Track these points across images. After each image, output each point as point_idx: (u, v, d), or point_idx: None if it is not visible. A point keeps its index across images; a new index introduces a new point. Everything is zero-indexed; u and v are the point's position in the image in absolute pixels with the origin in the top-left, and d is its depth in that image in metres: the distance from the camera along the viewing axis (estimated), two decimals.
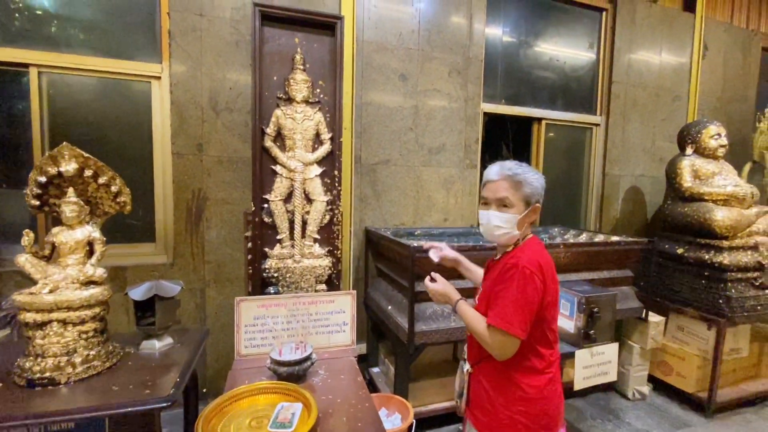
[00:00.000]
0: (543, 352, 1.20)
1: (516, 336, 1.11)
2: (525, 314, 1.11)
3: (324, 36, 2.36)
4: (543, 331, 1.19)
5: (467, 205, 3.11)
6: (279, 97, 2.30)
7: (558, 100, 3.60)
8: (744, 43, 4.16)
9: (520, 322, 1.11)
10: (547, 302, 1.16)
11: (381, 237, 2.44)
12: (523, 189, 1.20)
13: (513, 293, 1.12)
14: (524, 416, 1.19)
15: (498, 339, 1.14)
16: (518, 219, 1.19)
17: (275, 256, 2.32)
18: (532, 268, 1.12)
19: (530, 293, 1.11)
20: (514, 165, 1.23)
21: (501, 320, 1.12)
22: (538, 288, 1.12)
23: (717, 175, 3.01)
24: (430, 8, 2.85)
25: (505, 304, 1.13)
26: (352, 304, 2.16)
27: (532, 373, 1.19)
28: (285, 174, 2.29)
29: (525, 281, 1.12)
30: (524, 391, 1.19)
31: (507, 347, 1.14)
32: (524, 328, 1.12)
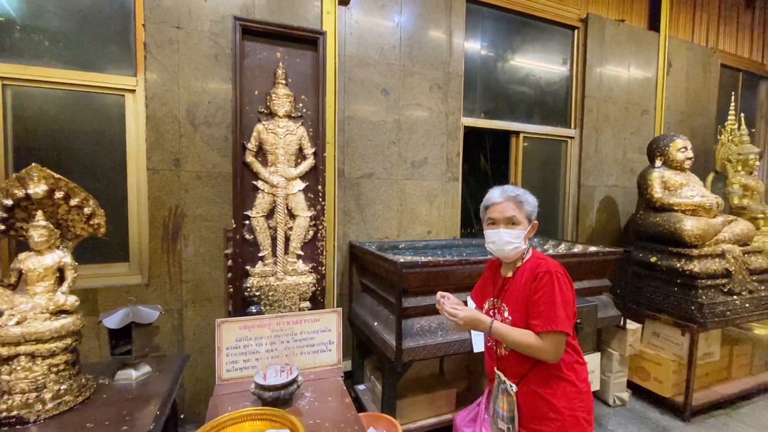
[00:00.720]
0: (574, 344, 1.35)
1: (567, 332, 1.22)
2: (569, 312, 1.24)
3: (306, 51, 2.35)
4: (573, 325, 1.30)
5: (450, 217, 3.13)
6: (260, 112, 2.26)
7: (535, 114, 3.71)
8: (704, 60, 4.42)
9: (565, 319, 1.22)
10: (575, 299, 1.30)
11: (366, 252, 2.42)
12: (525, 207, 1.38)
13: (555, 296, 1.23)
14: (583, 411, 1.28)
15: (553, 342, 1.22)
16: (525, 234, 1.36)
17: (257, 274, 2.25)
18: (561, 272, 1.28)
19: (567, 292, 1.25)
20: (513, 188, 1.42)
21: (552, 323, 1.21)
22: (570, 287, 1.27)
23: (685, 186, 3.16)
24: (411, 24, 2.89)
25: (550, 308, 1.22)
26: (338, 322, 2.12)
27: (575, 366, 1.31)
28: (267, 189, 2.25)
29: (560, 283, 1.25)
30: (577, 387, 1.29)
31: (560, 347, 1.24)
32: (571, 325, 1.24)
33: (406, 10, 2.87)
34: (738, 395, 2.92)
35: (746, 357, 3.14)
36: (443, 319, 2.18)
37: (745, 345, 3.15)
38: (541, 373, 1.28)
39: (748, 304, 2.82)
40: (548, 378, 1.28)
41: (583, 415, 1.28)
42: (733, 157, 3.95)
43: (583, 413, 1.28)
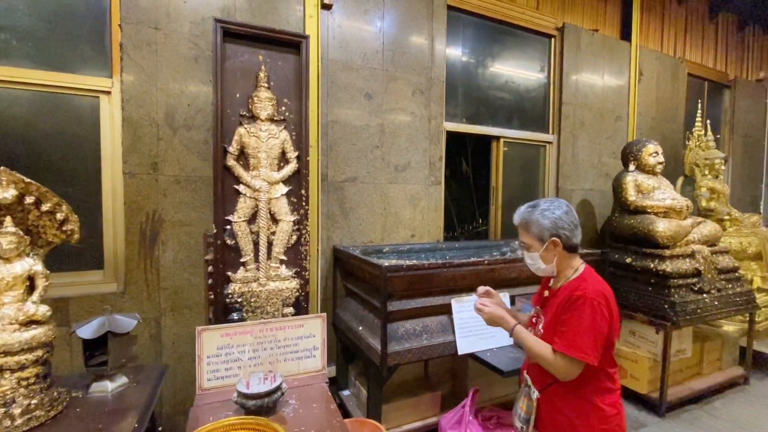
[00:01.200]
0: (611, 372, 1.31)
1: (588, 362, 1.20)
2: (597, 341, 1.20)
3: (289, 54, 2.33)
4: (609, 353, 1.29)
5: (433, 220, 3.16)
6: (242, 115, 2.23)
7: (514, 120, 3.79)
8: (672, 69, 4.63)
9: (592, 348, 1.20)
10: (613, 329, 1.26)
11: (350, 256, 2.41)
12: (531, 230, 1.34)
13: (584, 322, 1.21)
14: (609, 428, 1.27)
15: (565, 364, 1.22)
16: (539, 255, 1.34)
17: (239, 280, 2.21)
18: (600, 299, 1.22)
19: (599, 322, 1.20)
20: (524, 209, 1.40)
21: (571, 347, 1.20)
22: (606, 317, 1.22)
23: (657, 189, 3.29)
24: (393, 29, 2.92)
25: (576, 332, 1.21)
26: (322, 327, 2.10)
27: (606, 393, 1.29)
28: (249, 194, 2.21)
29: (594, 311, 1.20)
30: (603, 411, 1.28)
31: (572, 372, 1.23)
32: (596, 355, 1.21)
33: (389, 15, 2.89)
34: (709, 390, 3.04)
35: (716, 353, 3.27)
36: (428, 322, 2.20)
37: (714, 341, 3.28)
38: (565, 389, 1.30)
39: (717, 302, 2.95)
40: (572, 396, 1.29)
41: (615, 426, 1.28)
42: (701, 161, 4.15)
43: (615, 425, 1.28)
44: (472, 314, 2.27)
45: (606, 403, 1.29)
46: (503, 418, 2.29)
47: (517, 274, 2.49)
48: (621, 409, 1.32)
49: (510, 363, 2.12)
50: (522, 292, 2.52)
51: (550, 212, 1.33)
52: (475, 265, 2.25)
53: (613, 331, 1.27)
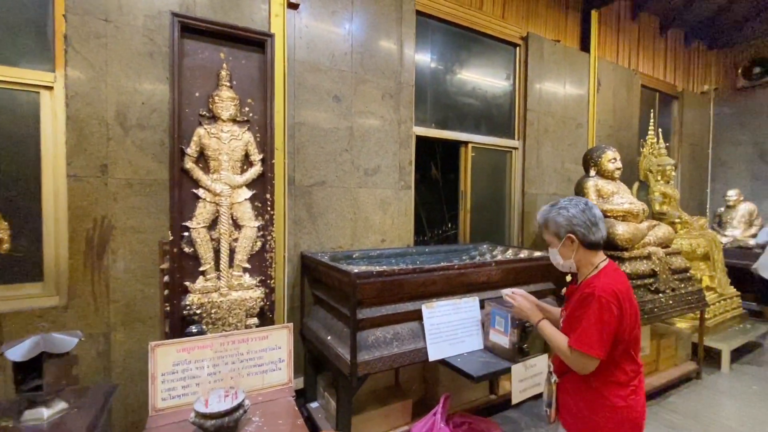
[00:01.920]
0: (625, 367, 1.36)
1: (595, 356, 1.29)
2: (603, 336, 1.28)
3: (253, 53, 2.24)
4: (625, 349, 1.35)
5: (403, 225, 3.13)
6: (202, 115, 2.11)
7: (482, 125, 3.85)
8: (627, 80, 4.89)
9: (598, 343, 1.28)
10: (626, 324, 1.32)
11: (319, 263, 2.33)
12: (549, 228, 1.45)
13: (592, 319, 1.29)
14: (611, 422, 1.34)
15: (578, 359, 1.33)
16: (558, 251, 1.45)
17: (198, 291, 2.08)
18: (608, 297, 1.29)
19: (607, 319, 1.28)
20: (545, 209, 1.49)
21: (581, 343, 1.30)
22: (615, 314, 1.28)
23: (616, 194, 3.42)
24: (362, 32, 2.88)
25: (585, 328, 1.30)
26: (288, 338, 2.00)
27: (616, 385, 1.35)
28: (209, 198, 2.09)
29: (601, 308, 1.28)
30: (612, 402, 1.34)
31: (587, 366, 1.33)
32: (603, 349, 1.28)
33: (358, 17, 2.85)
34: (666, 385, 3.18)
35: (671, 350, 3.44)
36: (399, 329, 2.15)
37: (669, 338, 3.45)
38: (577, 379, 1.39)
39: (672, 301, 3.10)
40: (583, 387, 1.38)
41: (610, 425, 1.34)
42: (654, 168, 4.38)
43: (609, 423, 1.34)
44: (442, 320, 2.26)
45: (616, 396, 1.34)
46: (474, 423, 2.28)
47: (487, 278, 2.50)
48: (634, 404, 1.35)
49: (480, 368, 2.11)
50: (493, 296, 2.53)
51: (565, 210, 1.41)
52: (445, 270, 2.23)
53: (624, 329, 1.31)
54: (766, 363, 3.79)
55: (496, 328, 2.31)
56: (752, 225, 5.21)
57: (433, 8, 3.34)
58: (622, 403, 1.34)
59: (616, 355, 1.33)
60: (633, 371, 1.38)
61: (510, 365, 2.17)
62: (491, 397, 2.83)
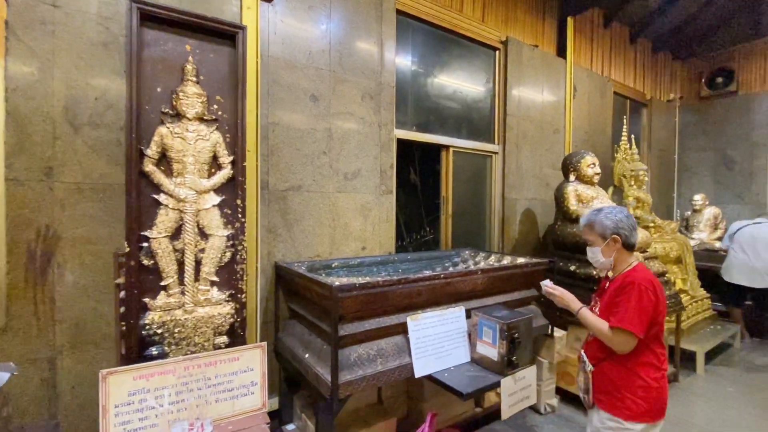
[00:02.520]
0: (657, 351, 1.55)
1: (636, 334, 1.47)
2: (643, 318, 1.48)
3: (222, 46, 2.05)
4: (657, 333, 1.55)
5: (385, 231, 3.00)
6: (164, 113, 1.90)
7: (462, 129, 3.79)
8: (601, 87, 4.98)
9: (639, 323, 1.47)
10: (660, 310, 1.52)
11: (295, 274, 2.15)
12: (596, 229, 1.67)
13: (633, 302, 1.49)
14: (644, 400, 1.51)
15: (620, 336, 1.51)
16: (601, 249, 1.66)
17: (159, 308, 1.86)
18: (647, 285, 1.51)
19: (645, 302, 1.49)
20: (590, 213, 1.73)
21: (624, 322, 1.49)
22: (651, 300, 1.49)
23: (595, 199, 3.43)
24: (341, 29, 2.74)
25: (627, 310, 1.49)
26: (262, 359, 1.82)
27: (650, 367, 1.54)
28: (172, 204, 1.88)
29: (641, 293, 1.49)
30: (646, 382, 1.52)
31: (628, 344, 1.51)
32: (643, 329, 1.48)
33: (336, 14, 2.71)
34: None
35: None
36: (383, 344, 2.01)
37: None
38: (616, 362, 1.57)
39: None
40: (621, 368, 1.55)
41: (643, 404, 1.51)
42: (627, 173, 4.45)
43: (642, 402, 1.51)
44: (428, 332, 2.13)
45: (649, 377, 1.52)
46: None
47: (473, 287, 2.40)
48: (663, 385, 1.55)
49: (469, 383, 2.00)
50: (478, 305, 2.43)
51: (613, 215, 1.64)
52: (431, 279, 2.12)
53: (658, 314, 1.51)
54: (736, 363, 3.90)
55: (483, 340, 2.21)
56: (717, 228, 5.41)
57: (414, 8, 3.25)
58: (655, 384, 1.52)
59: (649, 338, 1.52)
60: (662, 354, 1.57)
61: (499, 379, 2.07)
62: (477, 410, 2.73)
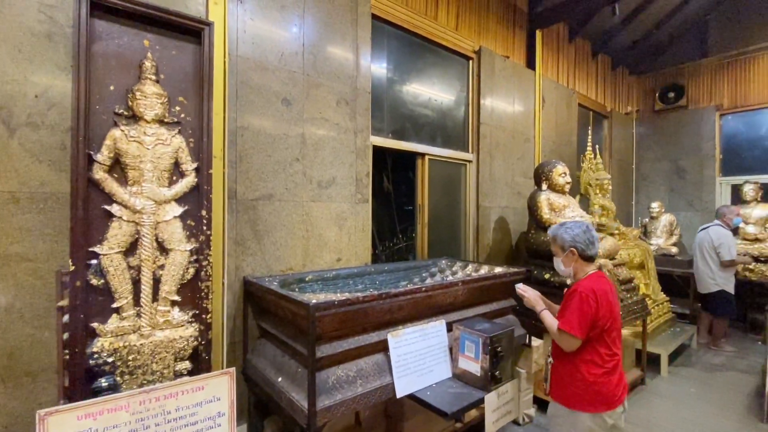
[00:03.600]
0: (600, 350, 1.72)
1: (575, 335, 1.69)
2: (582, 322, 1.68)
3: (186, 43, 1.89)
4: (602, 338, 1.71)
5: (361, 241, 2.88)
6: (119, 114, 1.71)
7: (437, 137, 3.76)
8: (567, 98, 5.15)
9: (578, 326, 1.68)
10: (601, 315, 1.69)
11: (266, 291, 1.99)
12: (557, 241, 1.87)
13: (575, 308, 1.71)
14: (584, 392, 1.71)
15: (563, 337, 1.74)
16: (561, 260, 1.87)
17: (110, 333, 1.65)
18: (588, 293, 1.70)
19: (586, 308, 1.68)
20: (555, 227, 1.92)
21: (566, 325, 1.72)
22: (592, 305, 1.68)
23: (567, 207, 3.49)
24: (315, 31, 2.62)
25: (569, 314, 1.72)
26: (230, 387, 1.65)
27: (592, 364, 1.72)
28: (126, 216, 1.68)
29: (582, 300, 1.70)
30: (584, 377, 1.71)
31: (570, 343, 1.73)
32: (582, 331, 1.68)
33: (310, 15, 2.60)
34: None
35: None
36: (363, 364, 1.89)
37: None
38: (565, 358, 1.79)
39: (621, 312, 3.16)
40: (568, 363, 1.77)
41: (587, 397, 1.70)
42: (593, 182, 4.60)
43: (587, 396, 1.70)
44: (409, 349, 2.03)
45: (589, 372, 1.71)
46: None
47: (453, 299, 2.34)
48: (604, 381, 1.70)
49: (453, 401, 1.92)
50: (458, 317, 2.37)
51: (571, 230, 1.82)
52: (412, 293, 2.02)
53: (599, 319, 1.68)
54: (694, 364, 4.08)
55: (466, 354, 2.14)
56: (672, 234, 5.71)
57: (390, 14, 3.20)
58: (592, 378, 1.70)
59: (592, 340, 1.71)
60: (607, 356, 1.73)
61: (483, 395, 2.01)
62: (457, 425, 2.65)
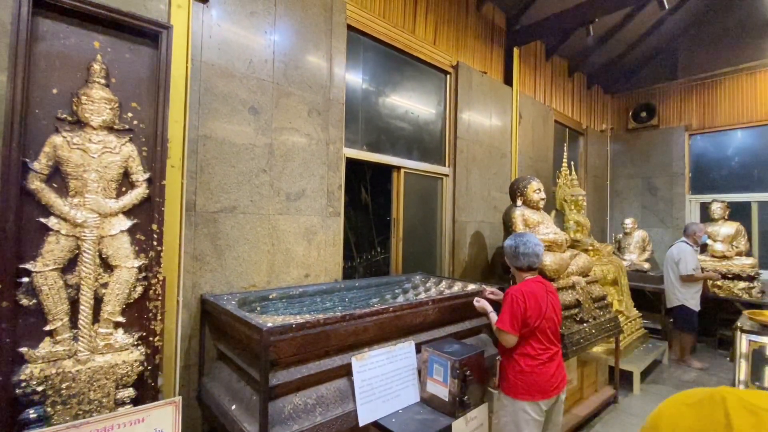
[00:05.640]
0: (534, 345, 1.98)
1: (507, 331, 1.97)
2: (513, 319, 1.96)
3: (142, 46, 1.78)
4: (534, 334, 1.98)
5: (331, 256, 2.78)
6: (61, 119, 1.58)
7: (414, 151, 3.72)
8: (544, 115, 5.22)
9: (509, 323, 1.96)
10: (530, 314, 1.95)
11: (222, 311, 1.86)
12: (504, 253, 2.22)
13: (506, 308, 2.00)
14: (521, 381, 1.97)
15: (500, 334, 2.02)
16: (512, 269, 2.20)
17: (41, 358, 1.50)
18: (517, 295, 1.98)
19: (515, 307, 1.96)
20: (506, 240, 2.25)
21: (500, 323, 2.01)
22: (520, 305, 1.95)
23: (541, 224, 3.48)
24: (287, 39, 2.55)
25: (502, 314, 2.01)
26: (175, 418, 1.51)
27: (527, 357, 1.98)
28: (65, 230, 1.54)
29: (511, 300, 1.98)
30: (521, 367, 1.98)
31: (506, 339, 2.00)
32: (513, 327, 1.96)
33: (281, 23, 2.52)
34: (590, 414, 3.21)
35: (593, 376, 3.52)
36: (323, 390, 1.78)
37: (591, 365, 3.54)
38: (506, 353, 2.06)
39: (594, 330, 3.16)
40: (508, 357, 2.04)
41: (522, 385, 1.97)
42: (568, 198, 4.64)
43: (522, 384, 1.97)
44: (375, 373, 1.93)
45: (525, 364, 1.97)
46: None
47: (423, 319, 2.26)
48: (539, 371, 1.96)
49: (419, 430, 1.82)
50: (428, 338, 2.29)
51: (509, 242, 2.17)
52: (379, 314, 1.94)
53: (528, 317, 1.95)
54: (666, 380, 4.11)
55: (434, 378, 2.06)
56: (645, 250, 5.82)
57: (366, 26, 3.16)
58: (528, 369, 1.96)
59: (526, 336, 1.98)
60: (540, 349, 1.98)
61: (450, 422, 1.92)
62: None
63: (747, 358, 2.92)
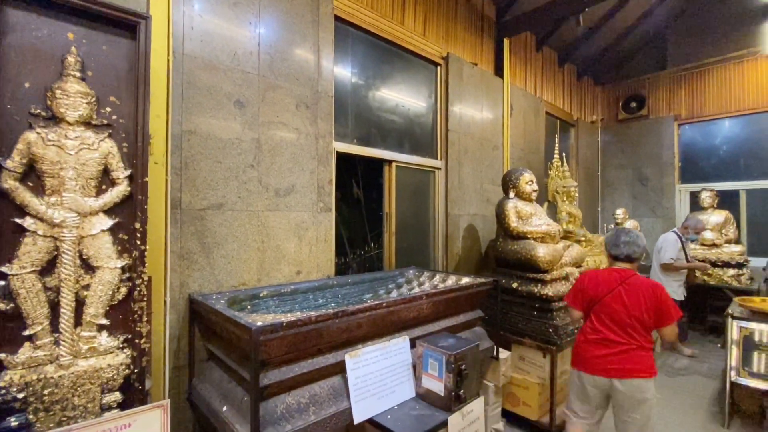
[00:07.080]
0: (587, 326, 2.24)
1: (568, 304, 2.40)
2: (573, 297, 2.34)
3: (119, 37, 1.70)
4: (589, 314, 2.24)
5: (323, 252, 2.74)
6: (35, 114, 1.51)
7: (405, 144, 3.68)
8: (535, 106, 5.20)
9: (572, 299, 2.35)
10: (588, 295, 2.23)
11: (211, 310, 1.81)
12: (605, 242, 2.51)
13: (571, 287, 2.43)
14: (575, 353, 2.28)
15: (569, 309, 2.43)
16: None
17: (21, 364, 1.44)
18: (581, 277, 2.34)
19: (576, 285, 2.35)
20: None
21: (566, 297, 2.43)
22: (579, 284, 2.32)
23: (534, 215, 3.47)
24: (272, 30, 2.48)
25: (569, 291, 2.42)
26: (163, 422, 1.47)
27: (582, 333, 2.26)
28: (43, 231, 1.48)
29: (576, 282, 2.38)
30: (577, 339, 2.29)
31: (571, 313, 2.41)
32: (574, 302, 2.33)
33: (266, 13, 2.45)
34: None
35: None
36: (317, 389, 1.75)
37: None
38: None
39: None
40: None
41: (573, 354, 2.29)
42: (560, 189, 4.65)
43: (574, 353, 2.29)
44: (369, 369, 1.90)
45: (579, 338, 2.27)
46: None
47: (417, 313, 2.23)
48: (585, 347, 2.20)
49: (415, 425, 1.80)
50: (423, 333, 2.26)
51: (609, 235, 2.36)
52: (372, 309, 1.90)
53: (586, 297, 2.24)
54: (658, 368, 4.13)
55: (429, 373, 2.04)
56: None
57: (354, 16, 3.09)
58: (578, 341, 2.27)
59: (587, 314, 2.25)
60: (590, 329, 2.20)
61: (446, 417, 1.90)
62: None
63: (738, 344, 2.96)
